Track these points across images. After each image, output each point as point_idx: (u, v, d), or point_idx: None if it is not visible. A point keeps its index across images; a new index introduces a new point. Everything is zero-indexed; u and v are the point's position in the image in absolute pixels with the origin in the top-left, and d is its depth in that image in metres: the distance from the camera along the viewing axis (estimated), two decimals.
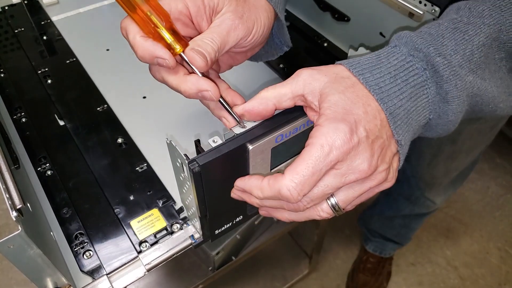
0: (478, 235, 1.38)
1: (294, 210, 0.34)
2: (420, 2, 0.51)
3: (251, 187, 0.35)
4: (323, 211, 0.34)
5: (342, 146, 0.30)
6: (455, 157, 0.81)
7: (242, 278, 1.22)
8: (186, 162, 0.35)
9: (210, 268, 0.85)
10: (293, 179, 0.31)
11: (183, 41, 0.38)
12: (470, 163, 0.86)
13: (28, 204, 0.41)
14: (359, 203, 0.36)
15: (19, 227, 0.33)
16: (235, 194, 0.38)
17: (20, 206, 0.35)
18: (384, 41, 0.59)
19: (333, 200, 0.34)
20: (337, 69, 0.34)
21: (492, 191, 1.48)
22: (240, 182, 0.37)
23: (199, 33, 0.39)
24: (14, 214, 0.34)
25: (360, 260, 1.29)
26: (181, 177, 0.40)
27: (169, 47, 0.37)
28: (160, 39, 0.37)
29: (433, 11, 0.50)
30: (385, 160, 0.33)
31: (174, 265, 0.81)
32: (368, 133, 0.31)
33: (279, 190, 0.32)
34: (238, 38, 0.39)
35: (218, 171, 0.37)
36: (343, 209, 0.35)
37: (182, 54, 0.38)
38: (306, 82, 0.34)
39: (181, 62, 0.39)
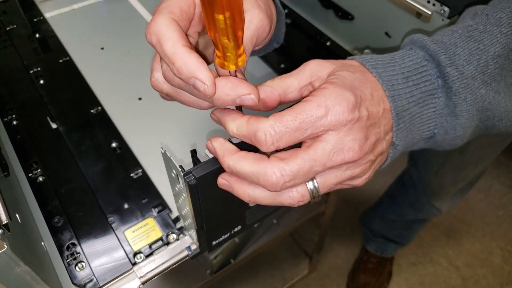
0: (481, 235, 1.37)
1: (270, 184, 0.29)
2: (429, 2, 0.48)
3: (226, 120, 0.31)
4: (298, 192, 0.30)
5: (340, 114, 0.28)
6: (463, 167, 0.78)
7: (241, 278, 1.21)
8: (182, 174, 0.33)
9: (208, 272, 0.83)
10: (274, 125, 0.28)
11: (242, 55, 0.30)
12: (479, 173, 0.83)
13: (17, 215, 0.39)
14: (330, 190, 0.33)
15: (5, 245, 0.31)
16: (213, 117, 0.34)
17: (6, 221, 0.33)
18: (390, 42, 0.57)
19: (312, 184, 0.30)
20: (347, 60, 0.32)
21: (495, 190, 1.47)
22: (218, 112, 0.32)
23: (201, 28, 0.34)
24: None
25: (361, 260, 1.27)
26: (176, 188, 0.38)
27: (221, 59, 0.29)
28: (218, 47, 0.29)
29: (442, 11, 0.47)
30: (374, 152, 0.30)
31: (171, 268, 0.80)
32: (369, 115, 0.29)
33: (255, 132, 0.28)
34: (262, 38, 0.35)
35: (215, 183, 0.35)
36: (319, 196, 0.31)
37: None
38: (314, 71, 0.32)
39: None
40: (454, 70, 0.30)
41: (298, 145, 0.30)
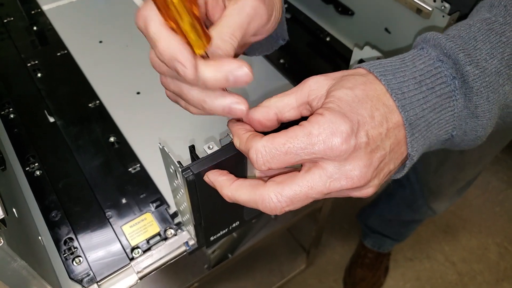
0: (477, 231, 1.37)
1: (269, 210, 0.29)
2: None
3: (233, 133, 0.32)
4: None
5: (333, 144, 0.27)
6: (463, 167, 0.77)
7: (238, 273, 1.21)
8: (180, 170, 0.33)
9: (205, 266, 0.83)
10: (265, 146, 0.28)
11: (207, 36, 0.30)
12: (477, 172, 0.83)
13: (14, 210, 0.39)
14: None
15: (2, 240, 0.31)
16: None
17: (3, 216, 0.33)
18: (390, 38, 0.57)
19: None
20: (350, 71, 0.31)
21: (492, 186, 1.47)
22: (230, 124, 0.33)
23: (205, 14, 0.34)
24: None
25: (358, 255, 1.27)
26: (174, 184, 0.38)
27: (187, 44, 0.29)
28: (179, 33, 0.29)
29: (443, 7, 0.47)
30: (380, 177, 0.29)
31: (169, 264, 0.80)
32: (370, 140, 0.28)
33: (249, 150, 0.29)
34: (259, 26, 0.34)
35: None
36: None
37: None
38: (312, 88, 0.30)
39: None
40: (474, 68, 0.29)
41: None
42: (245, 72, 0.29)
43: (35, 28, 0.69)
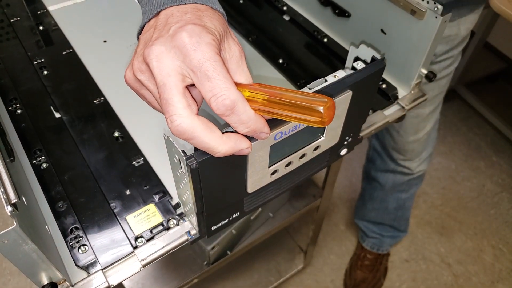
0: (472, 233, 1.39)
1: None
2: (423, 0, 0.50)
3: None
4: None
5: None
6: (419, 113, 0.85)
7: (236, 272, 1.22)
8: (184, 158, 0.35)
9: (205, 263, 0.85)
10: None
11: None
12: (433, 119, 0.89)
13: (23, 198, 0.40)
14: None
15: (14, 222, 0.32)
16: None
17: (15, 200, 0.35)
18: (386, 39, 0.59)
19: None
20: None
21: (487, 189, 1.49)
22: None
23: None
24: (9, 208, 0.33)
25: (357, 257, 1.29)
26: (178, 173, 0.40)
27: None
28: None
29: (435, 9, 0.49)
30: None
31: (169, 259, 0.81)
32: None
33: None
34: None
35: (216, 167, 0.37)
36: None
37: None
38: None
39: None
40: None
41: None
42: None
43: (41, 28, 0.71)
